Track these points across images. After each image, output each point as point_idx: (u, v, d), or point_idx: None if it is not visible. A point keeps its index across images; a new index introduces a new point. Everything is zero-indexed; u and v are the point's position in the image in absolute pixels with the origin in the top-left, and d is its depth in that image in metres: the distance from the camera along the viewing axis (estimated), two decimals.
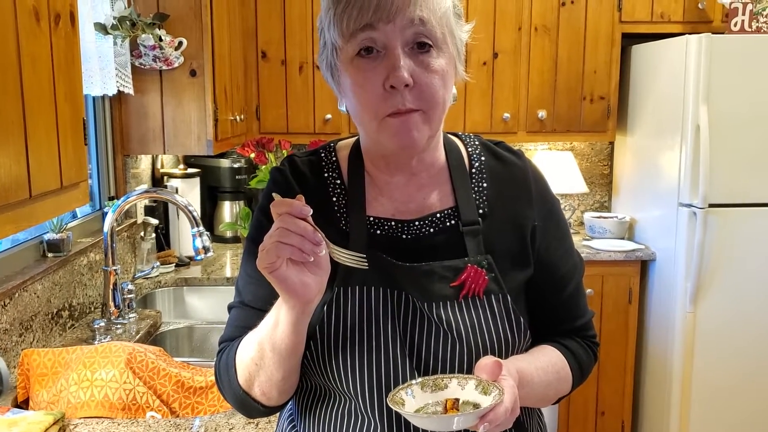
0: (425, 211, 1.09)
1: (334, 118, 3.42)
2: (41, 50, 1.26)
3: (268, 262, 0.88)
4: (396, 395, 0.94)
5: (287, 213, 0.88)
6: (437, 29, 0.98)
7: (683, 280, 3.10)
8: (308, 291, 0.91)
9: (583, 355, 1.16)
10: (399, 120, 0.98)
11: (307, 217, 0.89)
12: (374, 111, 0.99)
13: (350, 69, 0.99)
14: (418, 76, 0.97)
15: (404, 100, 0.97)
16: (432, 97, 0.98)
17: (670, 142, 3.19)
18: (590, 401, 3.43)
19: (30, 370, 1.78)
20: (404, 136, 0.99)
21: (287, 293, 0.91)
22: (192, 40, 2.65)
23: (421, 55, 0.98)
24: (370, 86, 0.97)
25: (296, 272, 0.90)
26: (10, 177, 1.14)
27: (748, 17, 3.18)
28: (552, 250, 1.13)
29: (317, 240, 0.89)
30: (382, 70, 0.97)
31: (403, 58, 0.96)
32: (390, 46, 0.96)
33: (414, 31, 0.96)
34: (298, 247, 0.87)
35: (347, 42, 0.98)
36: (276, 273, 0.89)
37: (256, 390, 1.04)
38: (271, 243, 0.87)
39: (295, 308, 0.93)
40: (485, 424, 0.87)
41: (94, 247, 2.43)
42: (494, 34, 3.42)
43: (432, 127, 1.01)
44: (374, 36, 0.96)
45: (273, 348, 0.98)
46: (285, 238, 0.87)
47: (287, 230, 0.87)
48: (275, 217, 0.89)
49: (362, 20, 0.96)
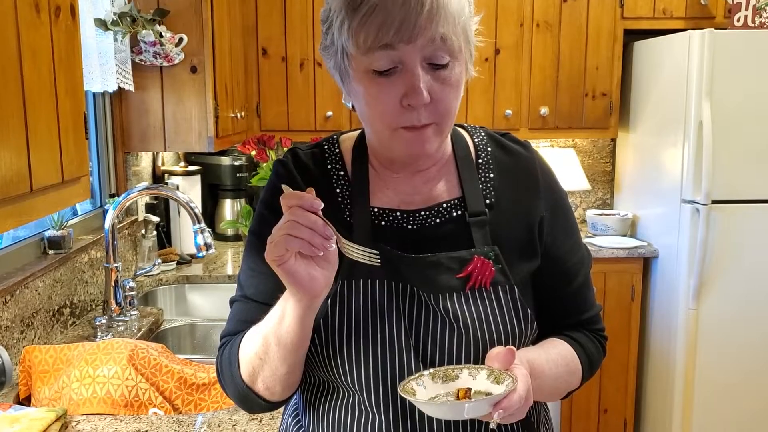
0: (431, 201, 1.08)
1: (335, 115, 3.41)
2: (42, 43, 1.25)
3: (276, 255, 0.87)
4: (407, 386, 0.92)
5: (298, 206, 0.87)
6: (455, 42, 0.96)
7: (686, 277, 3.09)
8: (316, 285, 0.90)
9: (592, 348, 1.15)
10: (413, 134, 0.98)
11: (318, 210, 0.87)
12: (387, 122, 0.98)
13: (365, 81, 0.97)
14: (434, 91, 0.96)
15: (420, 117, 0.96)
16: (446, 111, 0.98)
17: (672, 138, 3.18)
18: (593, 399, 3.42)
19: (32, 366, 1.77)
20: (417, 148, 0.99)
21: (295, 286, 0.90)
22: (192, 36, 2.64)
23: (439, 70, 0.96)
24: (386, 99, 0.96)
25: (304, 266, 0.89)
26: (11, 170, 1.13)
27: (751, 13, 3.17)
28: (559, 242, 1.11)
29: (328, 234, 0.88)
30: (400, 85, 0.95)
31: (422, 75, 0.94)
32: (409, 65, 0.94)
33: (434, 48, 0.94)
34: (308, 240, 0.86)
35: (363, 54, 0.96)
36: (284, 266, 0.88)
37: (259, 384, 1.03)
38: (281, 235, 0.86)
39: (302, 302, 0.92)
40: (499, 411, 0.85)
41: (95, 245, 2.42)
42: (496, 30, 3.41)
43: (443, 136, 1.02)
44: (393, 55, 0.94)
45: (278, 342, 0.97)
46: (295, 231, 0.86)
47: (297, 223, 0.86)
48: (285, 210, 0.88)
49: (382, 39, 0.93)
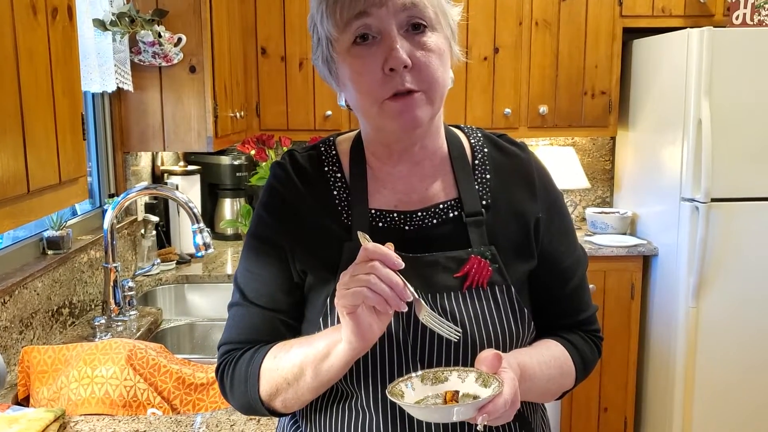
0: (427, 202, 1.08)
1: (335, 114, 3.41)
2: (38, 44, 1.25)
3: (351, 305, 0.88)
4: (395, 387, 0.93)
5: (380, 261, 0.88)
6: (429, 9, 0.98)
7: (686, 276, 3.09)
8: (373, 335, 0.92)
9: (587, 349, 1.15)
10: (400, 102, 0.98)
11: (399, 268, 0.89)
12: (374, 95, 0.98)
13: (348, 58, 0.99)
14: (415, 56, 0.97)
15: (403, 81, 0.96)
16: (431, 76, 0.98)
17: (671, 136, 3.17)
18: (593, 397, 3.42)
19: (30, 367, 1.77)
20: (407, 117, 0.98)
21: (355, 335, 0.91)
22: (191, 36, 2.64)
23: (417, 35, 0.98)
24: (369, 72, 0.97)
25: (368, 316, 0.90)
26: (8, 171, 1.13)
27: (750, 11, 3.17)
28: (555, 243, 1.12)
29: (405, 296, 0.88)
30: (380, 54, 0.97)
31: (399, 40, 0.96)
32: (385, 31, 0.97)
33: (407, 14, 0.97)
34: (387, 299, 0.87)
35: (342, 32, 0.99)
36: (353, 315, 0.89)
37: (277, 403, 1.04)
38: (359, 288, 0.87)
39: (356, 349, 0.93)
40: (484, 415, 0.87)
41: (94, 245, 2.42)
42: (495, 28, 3.41)
43: (434, 107, 1.01)
44: (369, 22, 0.97)
45: (316, 375, 0.98)
46: (376, 288, 0.87)
47: (379, 279, 0.87)
48: (364, 260, 0.89)
49: (355, 8, 0.96)
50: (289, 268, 1.07)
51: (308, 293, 1.08)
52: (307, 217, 1.08)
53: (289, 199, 1.09)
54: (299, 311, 1.09)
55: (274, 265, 1.08)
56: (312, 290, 1.07)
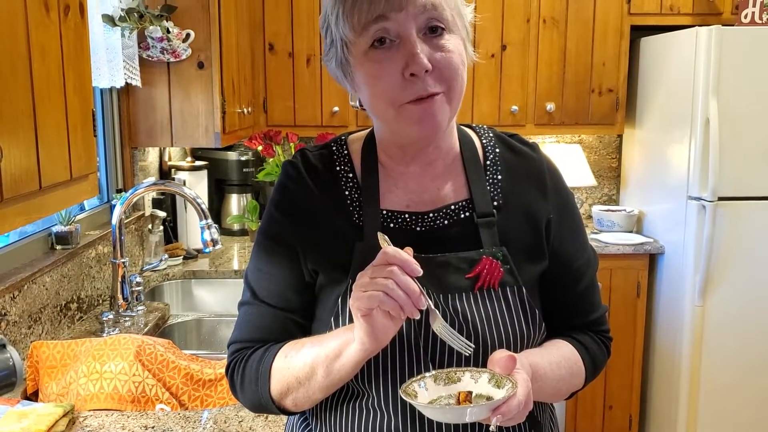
0: (439, 203, 1.08)
1: (342, 110, 3.41)
2: (51, 41, 1.25)
3: (366, 308, 0.89)
4: (408, 387, 0.93)
5: (399, 266, 0.88)
6: (447, 12, 0.98)
7: (692, 274, 3.08)
8: (386, 336, 0.92)
9: (597, 349, 1.15)
10: (421, 106, 0.97)
11: (417, 276, 0.89)
12: (392, 99, 0.98)
13: (365, 62, 0.98)
14: (435, 58, 0.96)
15: (426, 86, 0.96)
16: (453, 76, 0.98)
17: (679, 135, 3.17)
18: (598, 395, 3.42)
19: (39, 362, 1.78)
20: (427, 122, 0.98)
21: (368, 336, 0.91)
22: (199, 32, 2.64)
23: (435, 38, 0.97)
24: (387, 76, 0.97)
25: (382, 318, 0.90)
26: (20, 168, 1.14)
27: (759, 9, 3.16)
28: (566, 244, 1.12)
29: (420, 304, 0.89)
30: (399, 58, 0.96)
31: (419, 44, 0.96)
32: (404, 35, 0.96)
33: (426, 17, 0.96)
34: (402, 305, 0.88)
35: (359, 35, 0.97)
36: (367, 318, 0.89)
37: (288, 402, 1.04)
38: (375, 292, 0.87)
39: (368, 350, 0.93)
40: (498, 416, 0.87)
41: (102, 240, 2.43)
42: (502, 25, 3.41)
43: (453, 107, 1.01)
44: (387, 26, 0.96)
45: (327, 374, 0.98)
46: (393, 293, 0.87)
47: (396, 285, 0.87)
48: (382, 263, 0.89)
49: (374, 12, 0.95)
50: (300, 267, 1.07)
51: (319, 293, 1.08)
52: (318, 216, 1.08)
53: (300, 198, 1.09)
54: (310, 311, 1.09)
55: (285, 264, 1.08)
56: (323, 290, 1.07)
